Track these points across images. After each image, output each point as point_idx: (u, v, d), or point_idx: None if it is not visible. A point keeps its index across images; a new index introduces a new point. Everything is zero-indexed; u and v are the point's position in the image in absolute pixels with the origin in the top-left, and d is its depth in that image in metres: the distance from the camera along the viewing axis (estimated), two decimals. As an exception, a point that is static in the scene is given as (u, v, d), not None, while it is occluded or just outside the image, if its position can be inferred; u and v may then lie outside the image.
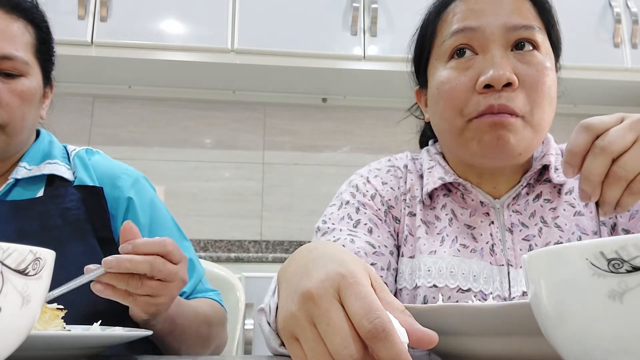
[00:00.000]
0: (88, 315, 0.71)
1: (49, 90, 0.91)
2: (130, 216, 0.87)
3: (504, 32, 0.70)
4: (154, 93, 2.41)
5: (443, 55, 0.75)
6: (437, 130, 0.79)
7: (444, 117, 0.74)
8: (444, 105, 0.73)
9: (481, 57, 0.71)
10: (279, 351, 0.51)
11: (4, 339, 0.35)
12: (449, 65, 0.73)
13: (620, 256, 0.28)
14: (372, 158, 0.93)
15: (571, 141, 0.55)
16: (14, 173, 0.84)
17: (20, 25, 0.83)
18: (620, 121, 0.55)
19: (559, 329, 0.32)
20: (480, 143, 0.70)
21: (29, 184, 0.84)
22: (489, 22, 0.71)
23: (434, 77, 0.76)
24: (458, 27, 0.72)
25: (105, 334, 0.52)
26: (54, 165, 0.86)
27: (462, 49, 0.72)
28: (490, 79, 0.68)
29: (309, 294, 0.37)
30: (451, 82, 0.72)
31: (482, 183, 0.79)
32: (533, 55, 0.71)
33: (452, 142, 0.75)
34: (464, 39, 0.72)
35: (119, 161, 0.95)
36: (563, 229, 0.74)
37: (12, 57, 0.80)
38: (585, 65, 2.19)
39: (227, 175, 2.43)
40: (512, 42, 0.71)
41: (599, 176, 0.53)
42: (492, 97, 0.68)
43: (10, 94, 0.80)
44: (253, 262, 1.78)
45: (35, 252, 0.36)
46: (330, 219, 0.79)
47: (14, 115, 0.81)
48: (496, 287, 0.71)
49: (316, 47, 2.13)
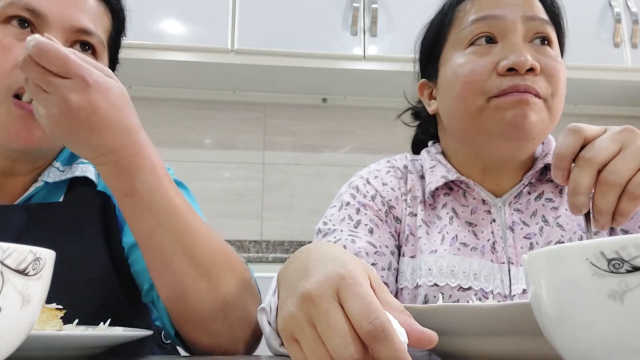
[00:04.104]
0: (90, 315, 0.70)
1: None
2: None
3: (524, 22, 0.73)
4: (154, 93, 2.41)
5: (461, 42, 0.75)
6: (450, 117, 0.78)
7: (462, 98, 0.73)
8: (463, 87, 0.73)
9: (502, 44, 0.73)
10: (279, 351, 0.51)
11: (4, 339, 0.35)
12: (467, 51, 0.74)
13: (620, 256, 0.28)
14: (372, 158, 0.93)
15: (559, 144, 0.55)
16: (46, 175, 0.78)
17: (101, 6, 0.78)
18: (603, 132, 0.55)
19: (559, 329, 0.32)
20: (501, 121, 0.70)
21: (55, 186, 0.78)
22: (509, 11, 0.73)
23: (450, 62, 0.76)
24: (480, 15, 0.74)
25: (105, 334, 0.52)
26: (86, 166, 0.80)
27: (484, 37, 0.74)
28: (514, 63, 0.69)
29: (309, 295, 0.37)
30: (470, 64, 0.73)
31: (485, 179, 0.79)
32: (548, 49, 0.74)
33: (467, 125, 0.74)
34: (485, 26, 0.73)
35: None
36: (565, 228, 0.74)
37: (89, 32, 0.74)
38: (585, 65, 2.19)
39: (227, 175, 2.43)
40: (531, 35, 0.73)
41: (587, 187, 0.53)
42: (516, 79, 0.70)
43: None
44: (253, 262, 1.78)
45: (35, 252, 0.36)
46: (331, 220, 0.79)
47: None
48: (497, 284, 0.71)
49: (316, 47, 2.13)
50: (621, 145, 0.53)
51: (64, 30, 0.72)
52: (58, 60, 0.53)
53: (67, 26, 0.72)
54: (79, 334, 0.49)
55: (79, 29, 0.73)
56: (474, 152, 0.78)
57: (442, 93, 0.79)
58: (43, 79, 0.53)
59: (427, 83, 0.84)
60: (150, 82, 2.34)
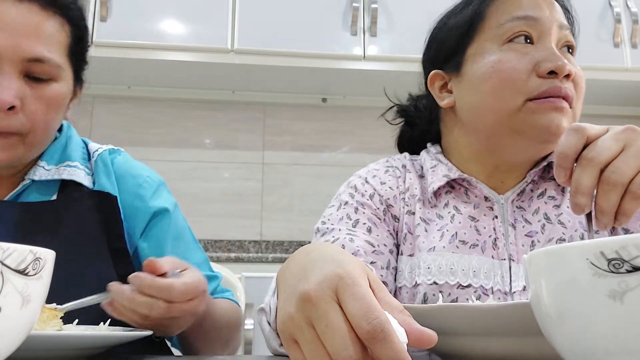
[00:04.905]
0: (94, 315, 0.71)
1: (79, 89, 0.84)
2: (153, 229, 0.84)
3: (558, 29, 0.76)
4: (154, 93, 2.41)
5: (499, 37, 0.76)
6: (475, 112, 0.77)
7: (498, 95, 0.73)
8: (501, 84, 0.73)
9: (538, 46, 0.74)
10: (279, 351, 0.51)
11: (4, 339, 0.35)
12: (505, 47, 0.75)
13: (620, 256, 0.28)
14: (372, 158, 0.93)
15: (562, 143, 0.55)
16: (32, 173, 0.78)
17: (55, 23, 0.74)
18: (605, 132, 0.55)
19: (559, 328, 0.32)
20: (535, 124, 0.71)
21: (45, 186, 0.79)
22: (546, 15, 0.75)
23: (485, 55, 0.76)
24: (520, 14, 0.75)
25: (105, 334, 0.52)
26: (74, 170, 0.80)
27: (523, 36, 0.75)
28: (556, 67, 0.71)
29: (307, 296, 0.37)
30: (512, 62, 0.73)
31: (492, 176, 0.79)
32: (572, 58, 0.77)
33: (497, 122, 0.74)
34: (525, 25, 0.75)
35: (140, 163, 0.91)
36: (566, 226, 0.74)
37: (43, 60, 0.71)
38: (585, 65, 2.17)
39: (227, 175, 2.43)
40: (562, 42, 0.76)
41: (589, 187, 0.52)
42: (555, 82, 0.71)
43: (37, 100, 0.72)
44: (253, 262, 1.78)
45: (35, 252, 0.36)
46: (330, 220, 0.79)
47: (37, 124, 0.73)
48: (497, 281, 0.71)
49: (316, 47, 2.13)
50: (624, 144, 0.53)
51: (16, 62, 0.70)
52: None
53: (19, 58, 0.70)
54: (79, 334, 0.49)
55: (31, 58, 0.71)
56: (492, 149, 0.77)
57: (467, 86, 0.78)
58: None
59: (442, 74, 0.82)
60: (150, 82, 2.34)
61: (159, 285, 0.59)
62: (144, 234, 0.84)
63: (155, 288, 0.59)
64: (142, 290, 0.59)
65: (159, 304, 0.59)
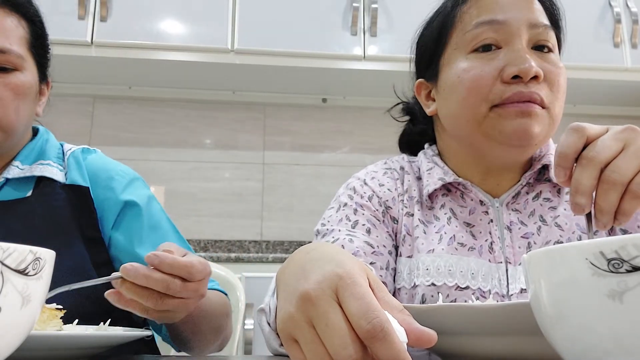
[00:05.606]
0: (92, 315, 0.71)
1: (45, 87, 0.91)
2: (124, 219, 0.86)
3: (528, 29, 0.73)
4: (154, 93, 2.41)
5: (465, 45, 0.75)
6: (452, 120, 0.78)
7: (465, 104, 0.73)
8: (467, 92, 0.73)
9: (506, 50, 0.72)
10: (279, 351, 0.51)
11: (4, 339, 0.35)
12: (471, 56, 0.74)
13: (620, 256, 0.28)
14: (372, 158, 0.93)
15: (562, 143, 0.55)
16: (6, 172, 0.83)
17: (13, 19, 0.82)
18: (605, 132, 0.55)
19: (558, 328, 0.32)
20: (503, 130, 0.70)
21: (20, 183, 0.84)
22: (514, 16, 0.73)
23: (453, 65, 0.75)
24: (484, 18, 0.73)
25: (105, 334, 0.52)
26: (46, 167, 0.85)
27: (488, 42, 0.73)
28: (519, 71, 0.69)
29: (307, 296, 0.37)
30: (476, 70, 0.72)
31: (486, 180, 0.79)
32: (550, 56, 0.74)
33: (470, 130, 0.74)
34: (489, 31, 0.73)
35: (115, 161, 0.93)
36: (563, 228, 0.74)
37: (5, 51, 0.79)
38: (585, 65, 2.19)
39: (227, 175, 2.43)
40: (534, 41, 0.73)
41: (589, 187, 0.52)
42: (519, 86, 0.70)
43: (4, 87, 0.79)
44: (253, 262, 1.78)
45: (35, 252, 0.36)
46: (329, 222, 0.79)
47: (7, 109, 0.80)
48: (494, 284, 0.71)
49: (316, 47, 2.13)
50: (624, 144, 0.53)
51: None
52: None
53: None
54: (79, 334, 0.50)
55: None
56: (476, 155, 0.77)
57: (443, 96, 0.78)
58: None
59: (425, 83, 0.83)
60: (150, 82, 2.34)
61: (180, 264, 0.60)
62: (115, 224, 0.86)
63: (176, 266, 0.59)
64: (161, 268, 0.59)
65: (176, 282, 0.60)
